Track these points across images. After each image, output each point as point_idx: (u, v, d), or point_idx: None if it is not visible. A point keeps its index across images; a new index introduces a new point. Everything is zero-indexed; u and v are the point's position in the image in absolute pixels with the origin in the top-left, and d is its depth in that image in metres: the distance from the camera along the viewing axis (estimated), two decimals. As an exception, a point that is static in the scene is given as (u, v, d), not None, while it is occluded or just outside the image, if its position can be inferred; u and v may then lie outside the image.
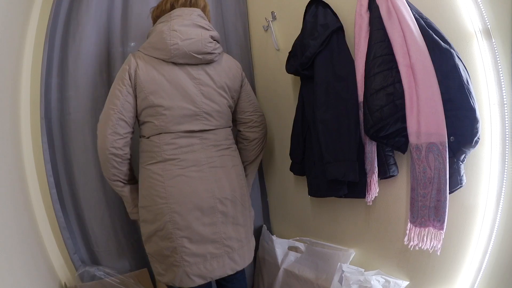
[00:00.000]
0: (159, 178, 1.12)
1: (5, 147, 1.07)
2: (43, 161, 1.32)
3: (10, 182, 1.07)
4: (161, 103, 1.12)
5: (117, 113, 1.10)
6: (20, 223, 1.09)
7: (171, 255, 1.11)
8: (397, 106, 0.96)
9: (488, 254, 0.97)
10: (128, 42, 1.44)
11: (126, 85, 1.11)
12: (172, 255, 1.11)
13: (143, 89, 1.11)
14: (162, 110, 1.12)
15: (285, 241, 1.56)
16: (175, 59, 1.12)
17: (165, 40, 1.10)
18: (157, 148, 1.13)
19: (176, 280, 1.12)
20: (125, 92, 1.11)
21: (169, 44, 1.10)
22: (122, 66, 1.15)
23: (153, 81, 1.11)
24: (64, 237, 1.36)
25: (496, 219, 0.95)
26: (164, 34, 1.10)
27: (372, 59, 1.00)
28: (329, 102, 1.13)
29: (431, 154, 0.92)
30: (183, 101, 1.13)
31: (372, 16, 1.02)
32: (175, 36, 1.10)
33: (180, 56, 1.12)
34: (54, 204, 1.34)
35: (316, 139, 1.20)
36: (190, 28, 1.12)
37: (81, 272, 1.35)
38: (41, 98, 1.31)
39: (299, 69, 1.20)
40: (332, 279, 1.25)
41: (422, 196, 0.95)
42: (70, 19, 1.36)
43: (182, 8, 1.16)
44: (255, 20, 1.65)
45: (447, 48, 0.90)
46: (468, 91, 0.88)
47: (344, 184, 1.15)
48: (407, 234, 1.01)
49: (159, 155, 1.13)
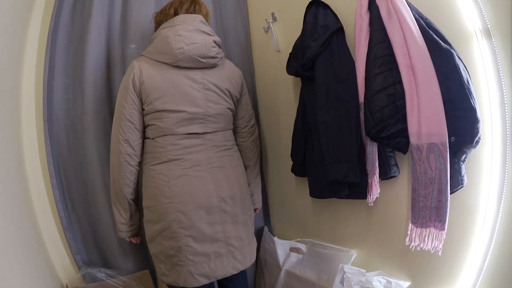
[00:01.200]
0: (164, 178, 1.13)
1: (7, 149, 1.08)
2: (46, 162, 1.33)
3: (13, 184, 1.07)
4: (167, 108, 1.14)
5: (127, 121, 1.14)
6: (22, 224, 1.09)
7: (176, 255, 1.12)
8: (398, 106, 0.96)
9: (489, 254, 0.97)
10: (128, 44, 1.45)
11: (130, 94, 1.13)
12: (176, 254, 1.12)
13: (149, 95, 1.13)
14: (168, 114, 1.14)
15: (287, 242, 1.56)
16: (180, 63, 1.14)
17: (171, 44, 1.12)
18: (162, 148, 1.15)
19: (180, 280, 1.12)
20: (130, 100, 1.14)
21: (175, 48, 1.12)
22: (126, 74, 1.17)
23: (158, 86, 1.13)
24: (66, 238, 1.37)
25: (497, 219, 0.95)
26: (169, 38, 1.12)
27: (372, 60, 1.00)
28: (330, 103, 1.13)
29: (432, 154, 0.92)
30: (187, 105, 1.16)
31: (372, 17, 1.03)
32: (180, 40, 1.12)
33: (185, 60, 1.14)
34: (57, 205, 1.35)
35: (317, 140, 1.20)
36: (194, 33, 1.15)
37: (83, 273, 1.35)
38: (44, 100, 1.32)
39: (300, 71, 1.21)
40: (334, 280, 1.25)
41: (423, 196, 0.95)
42: (71, 21, 1.37)
43: (186, 15, 1.19)
44: (255, 21, 1.66)
45: (447, 48, 0.90)
46: (469, 91, 0.88)
47: (345, 185, 1.15)
48: (409, 235, 1.00)
49: (164, 156, 1.15)
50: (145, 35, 1.44)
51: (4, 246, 0.87)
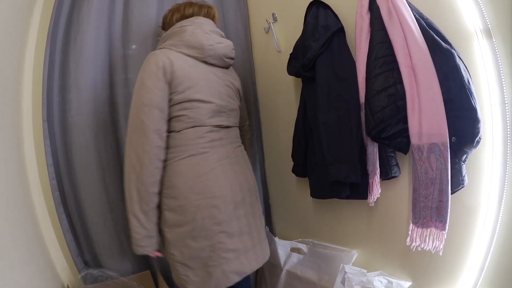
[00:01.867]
0: (193, 172, 1.08)
1: (7, 150, 1.08)
2: (45, 164, 1.33)
3: (13, 185, 1.07)
4: (199, 97, 1.12)
5: (157, 110, 1.05)
6: (23, 226, 1.09)
7: (208, 255, 1.07)
8: (399, 107, 0.96)
9: (490, 254, 0.97)
10: (129, 45, 1.44)
11: (161, 81, 1.06)
12: (209, 254, 1.07)
13: (181, 83, 1.09)
14: (199, 104, 1.12)
15: (288, 242, 1.56)
16: (208, 59, 1.17)
17: (201, 40, 1.14)
18: (190, 141, 1.10)
19: (212, 283, 1.07)
20: (161, 87, 1.06)
21: (206, 45, 1.15)
22: (149, 63, 1.08)
23: (190, 76, 1.11)
24: (67, 239, 1.36)
25: (498, 219, 0.95)
26: (200, 35, 1.15)
27: (373, 60, 1.00)
28: (331, 103, 1.13)
29: (433, 154, 0.92)
30: (215, 97, 1.16)
31: (373, 17, 1.03)
32: (210, 38, 1.17)
33: (213, 57, 1.18)
34: (57, 207, 1.35)
35: (318, 141, 1.20)
36: (217, 35, 1.22)
37: (83, 275, 1.35)
38: (43, 101, 1.31)
39: (301, 71, 1.21)
40: (335, 280, 1.25)
41: (424, 196, 0.95)
42: (71, 22, 1.37)
43: (204, 18, 1.22)
44: (256, 22, 1.66)
45: (448, 48, 0.90)
46: (469, 91, 0.88)
47: (346, 186, 1.14)
48: (409, 235, 1.00)
49: (192, 149, 1.10)
50: (147, 36, 1.44)
51: (5, 247, 0.87)
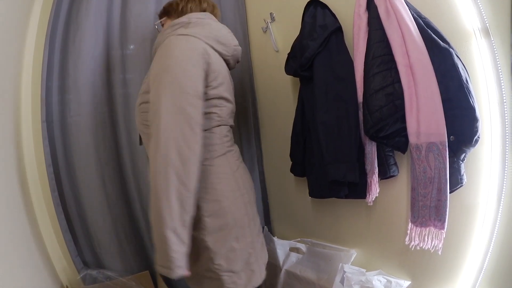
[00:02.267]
0: (227, 170, 1.03)
1: (6, 150, 1.08)
2: (44, 164, 1.33)
3: (12, 186, 1.07)
4: (226, 96, 1.05)
5: (202, 102, 0.91)
6: (22, 226, 1.09)
7: (248, 253, 1.02)
8: (397, 106, 0.96)
9: (489, 253, 0.97)
10: (128, 44, 1.44)
11: (203, 70, 0.93)
12: (249, 252, 1.02)
13: (215, 78, 0.99)
14: (225, 102, 1.06)
15: (286, 242, 1.56)
16: (229, 58, 1.10)
17: (228, 38, 1.08)
18: (219, 140, 1.04)
19: (254, 280, 1.02)
20: (203, 77, 0.93)
21: (232, 44, 1.10)
22: (184, 48, 0.92)
23: (221, 72, 1.03)
24: (66, 240, 1.36)
25: (497, 218, 0.95)
26: (224, 31, 1.09)
27: (371, 59, 1.00)
28: (329, 103, 1.13)
29: (431, 153, 0.92)
30: (232, 97, 1.11)
31: (371, 16, 1.03)
32: (233, 38, 1.11)
33: (233, 57, 1.12)
34: (56, 207, 1.35)
35: (316, 140, 1.20)
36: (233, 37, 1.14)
37: (83, 275, 1.35)
38: (42, 101, 1.31)
39: (299, 70, 1.20)
40: (334, 280, 1.25)
41: (422, 195, 0.95)
42: (69, 22, 1.37)
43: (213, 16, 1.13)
44: (253, 22, 1.65)
45: (446, 47, 0.90)
46: (468, 90, 0.88)
47: (345, 185, 1.14)
48: (408, 234, 1.00)
49: (222, 147, 1.05)
50: (145, 36, 1.44)
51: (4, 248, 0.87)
